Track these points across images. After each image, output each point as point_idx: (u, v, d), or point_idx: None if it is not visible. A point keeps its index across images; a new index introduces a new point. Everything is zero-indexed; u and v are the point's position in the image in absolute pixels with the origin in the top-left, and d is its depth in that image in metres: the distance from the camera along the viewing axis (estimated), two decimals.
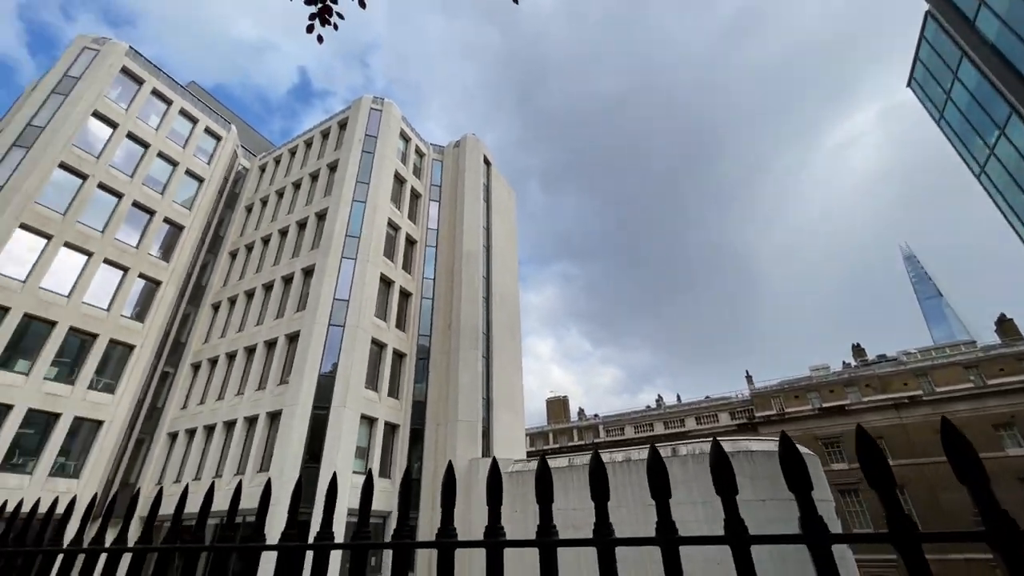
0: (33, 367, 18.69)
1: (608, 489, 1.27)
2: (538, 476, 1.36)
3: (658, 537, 1.16)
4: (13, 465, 17.71)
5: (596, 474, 1.30)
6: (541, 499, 1.36)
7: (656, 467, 1.25)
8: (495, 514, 1.37)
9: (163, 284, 23.61)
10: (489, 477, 1.43)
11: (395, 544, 1.45)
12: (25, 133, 21.02)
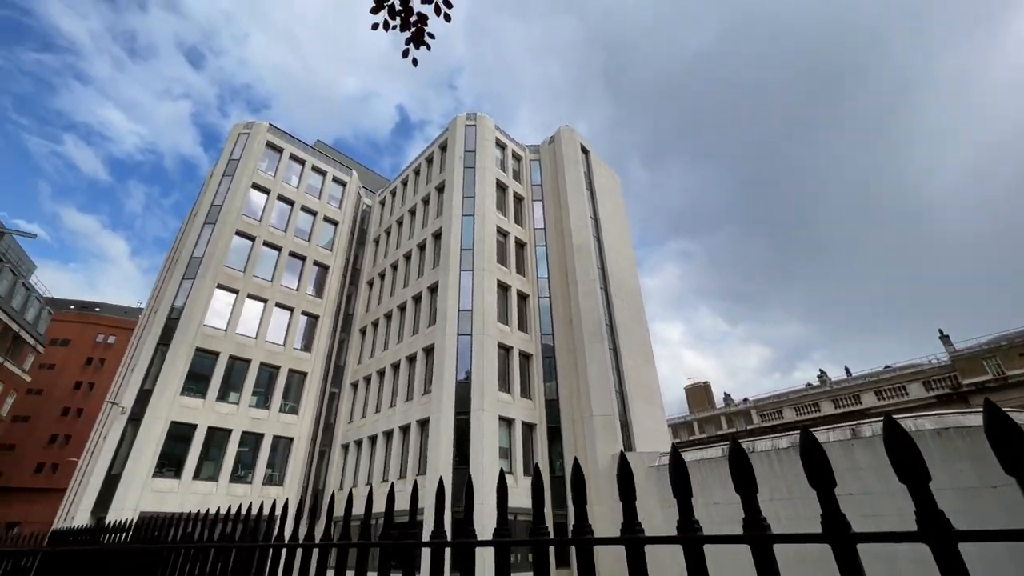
0: (241, 397, 23.16)
1: (754, 479, 1.13)
2: (672, 469, 1.26)
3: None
4: (238, 477, 22.08)
5: (737, 463, 1.16)
6: (679, 493, 1.24)
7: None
8: (630, 510, 1.32)
9: (320, 317, 27.52)
10: (619, 472, 1.37)
11: (532, 541, 1.49)
12: (210, 212, 26.28)
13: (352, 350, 28.23)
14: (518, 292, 24.47)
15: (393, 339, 25.34)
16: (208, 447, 21.58)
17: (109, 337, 54.49)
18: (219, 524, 3.44)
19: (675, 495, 1.25)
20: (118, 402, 21.51)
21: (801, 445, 1.10)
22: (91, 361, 53.15)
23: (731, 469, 1.15)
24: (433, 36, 3.78)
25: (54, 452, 48.12)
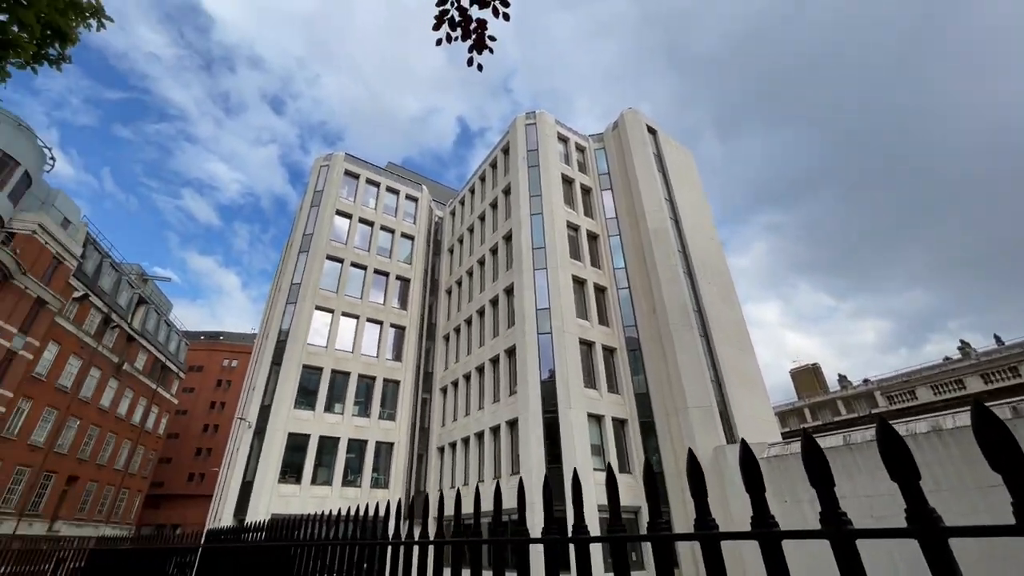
0: (344, 407, 25.09)
1: (914, 466, 1.00)
2: (806, 455, 1.12)
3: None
4: (349, 481, 23.93)
5: (891, 447, 1.02)
6: (818, 482, 1.10)
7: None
8: (760, 502, 1.21)
9: (407, 328, 29.03)
10: (743, 463, 1.25)
11: (652, 537, 1.43)
12: (303, 241, 28.87)
13: (438, 357, 29.41)
14: (595, 285, 23.94)
15: (475, 343, 26.00)
16: (321, 454, 23.62)
17: (232, 361, 62.05)
18: (338, 524, 3.78)
19: (813, 484, 1.09)
20: (245, 418, 24.32)
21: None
22: (220, 383, 60.86)
23: (885, 455, 1.01)
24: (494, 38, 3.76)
25: (200, 463, 55.71)
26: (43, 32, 5.93)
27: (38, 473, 30.44)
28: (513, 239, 24.90)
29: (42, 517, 30.86)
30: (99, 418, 35.99)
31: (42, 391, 30.17)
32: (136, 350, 40.37)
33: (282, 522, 5.10)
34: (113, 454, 38.25)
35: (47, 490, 31.42)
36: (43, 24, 5.84)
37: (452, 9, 3.54)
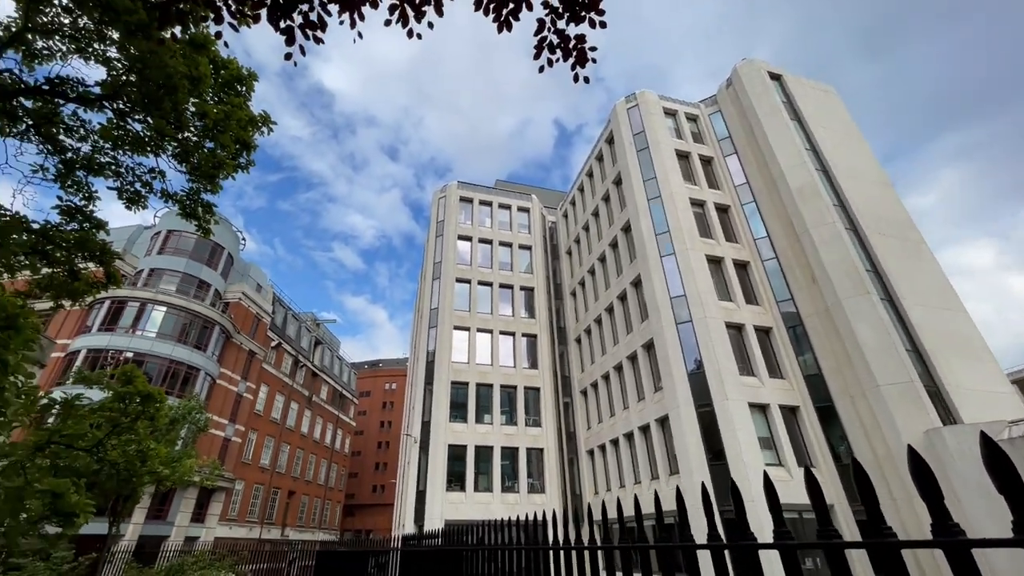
0: (492, 417, 25.64)
1: None
2: None
3: None
4: (507, 487, 24.18)
5: None
6: None
7: None
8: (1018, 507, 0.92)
9: (538, 336, 28.92)
10: (987, 456, 0.96)
11: (872, 544, 1.16)
12: (435, 269, 30.75)
13: (573, 360, 28.71)
14: (735, 262, 21.21)
15: (609, 342, 24.77)
16: (478, 463, 24.31)
17: (392, 384, 68.82)
18: (506, 529, 3.96)
19: None
20: (410, 434, 26.23)
21: None
22: (385, 405, 67.79)
23: None
24: (596, 48, 3.40)
25: (379, 476, 62.24)
26: (235, 148, 7.01)
27: (269, 489, 36.53)
28: (632, 229, 23.37)
29: (276, 525, 36.85)
30: (302, 442, 42.24)
31: (262, 423, 36.36)
32: (320, 384, 46.81)
33: (455, 528, 5.35)
34: (315, 471, 44.50)
35: (276, 503, 37.52)
36: (234, 141, 6.87)
37: (549, 35, 3.33)
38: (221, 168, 6.47)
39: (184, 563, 11.02)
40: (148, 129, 6.98)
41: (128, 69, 6.15)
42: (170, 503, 26.47)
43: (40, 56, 6.71)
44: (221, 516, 30.21)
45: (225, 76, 6.70)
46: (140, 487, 9.24)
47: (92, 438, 7.22)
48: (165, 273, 30.28)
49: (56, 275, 7.15)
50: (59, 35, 6.50)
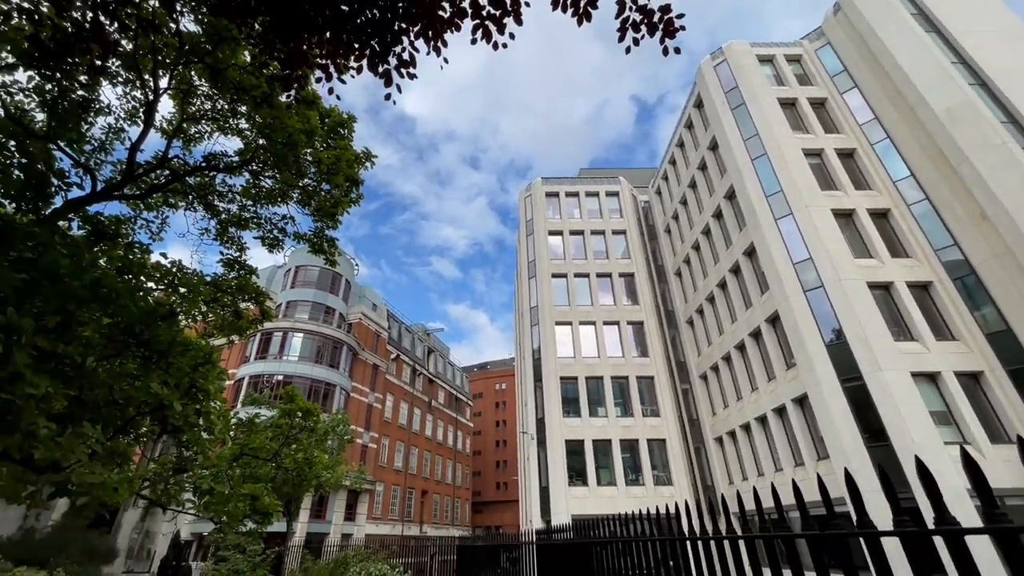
0: (606, 410, 25.34)
1: None
2: None
3: None
4: (632, 480, 23.72)
5: None
6: None
7: None
8: None
9: (644, 322, 27.92)
10: None
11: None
12: (529, 268, 31.29)
13: (687, 344, 27.24)
14: (869, 212, 18.42)
15: (725, 321, 23.05)
16: (597, 457, 24.20)
17: (502, 384, 71.44)
18: (635, 522, 3.92)
19: None
20: (526, 431, 27.04)
21: None
22: (498, 405, 70.58)
23: None
24: (683, 15, 3.29)
25: (500, 474, 65.02)
26: (347, 186, 7.97)
27: (404, 490, 40.29)
28: (737, 194, 21.46)
29: (414, 522, 40.50)
30: (427, 445, 45.81)
31: (391, 430, 40.19)
32: (436, 389, 50.32)
33: (584, 523, 5.41)
34: (443, 471, 47.98)
35: (411, 502, 41.24)
36: (345, 180, 7.82)
37: (631, 14, 3.24)
38: (338, 205, 7.38)
39: (347, 556, 12.64)
40: (277, 183, 8.19)
41: (257, 135, 7.30)
42: (327, 505, 30.47)
43: (194, 139, 8.22)
44: (368, 515, 34.02)
45: (329, 124, 7.61)
46: (307, 490, 10.84)
47: (270, 449, 8.73)
48: (299, 304, 34.93)
49: (225, 316, 8.66)
50: (205, 119, 7.92)
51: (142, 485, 5.55)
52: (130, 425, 5.31)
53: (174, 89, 7.15)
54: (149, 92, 6.55)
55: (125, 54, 6.52)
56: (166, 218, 8.45)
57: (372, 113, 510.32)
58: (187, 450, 6.43)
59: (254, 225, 8.70)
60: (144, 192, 7.30)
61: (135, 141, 6.81)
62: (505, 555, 10.01)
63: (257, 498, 5.98)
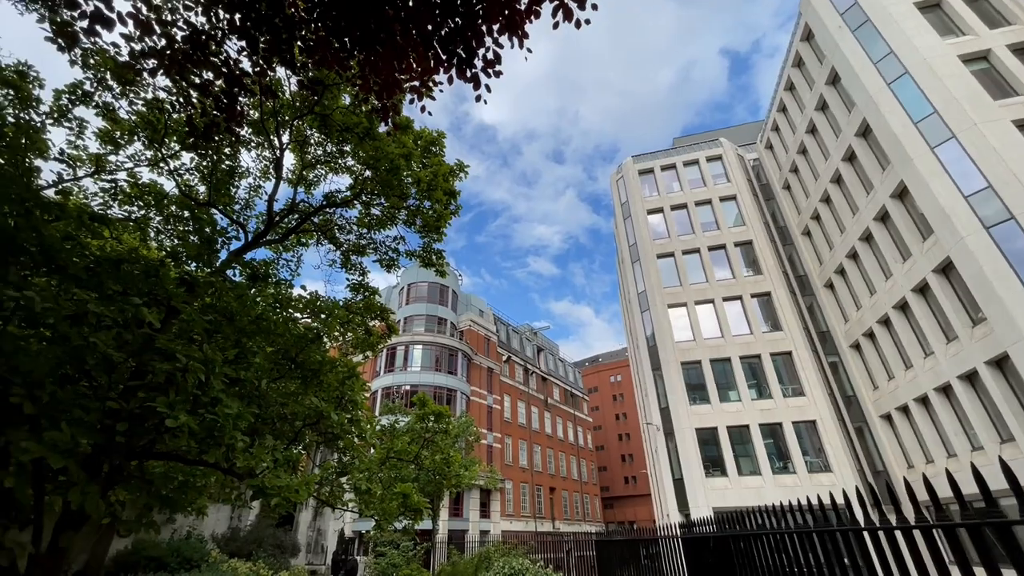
0: (739, 393, 23.37)
1: None
2: None
3: None
4: (780, 468, 21.54)
5: None
6: None
7: None
8: None
9: (771, 292, 25.22)
10: None
11: None
12: (631, 253, 30.19)
13: (828, 310, 24.03)
14: None
15: (876, 278, 19.86)
16: (734, 445, 22.43)
17: (616, 376, 69.91)
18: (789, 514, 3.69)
19: None
20: (651, 422, 26.09)
21: None
22: (615, 397, 69.17)
23: None
24: None
25: (628, 468, 63.59)
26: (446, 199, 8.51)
27: (532, 487, 41.46)
28: (874, 129, 18.35)
29: (546, 519, 41.45)
30: (549, 442, 46.58)
31: (512, 429, 41.63)
32: (550, 387, 50.96)
33: (728, 515, 5.31)
34: (567, 468, 48.38)
35: (541, 499, 42.26)
36: (444, 193, 8.35)
37: None
38: (441, 219, 7.88)
39: (489, 551, 13.36)
40: (385, 209, 9.01)
41: (363, 168, 8.11)
42: (462, 503, 32.54)
43: (313, 183, 9.38)
44: (501, 512, 35.61)
45: (423, 143, 8.17)
46: (448, 488, 11.71)
47: (411, 452, 9.65)
48: (414, 318, 37.92)
49: (358, 334, 9.69)
50: (319, 164, 8.99)
51: (315, 488, 6.47)
52: (298, 436, 6.23)
53: (293, 143, 8.25)
54: (276, 149, 7.65)
55: (253, 122, 7.68)
56: (300, 256, 9.78)
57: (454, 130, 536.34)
58: (344, 455, 7.36)
59: (371, 250, 9.65)
60: (282, 236, 8.51)
61: (271, 194, 7.99)
62: (644, 551, 9.79)
63: (408, 496, 6.62)
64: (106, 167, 7.57)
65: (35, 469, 4.04)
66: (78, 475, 3.49)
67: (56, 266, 4.63)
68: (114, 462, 4.91)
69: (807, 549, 3.83)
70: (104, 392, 4.08)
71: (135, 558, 12.48)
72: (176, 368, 3.85)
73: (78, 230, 5.11)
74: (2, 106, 5.75)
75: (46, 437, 3.33)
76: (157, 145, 7.50)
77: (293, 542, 20.03)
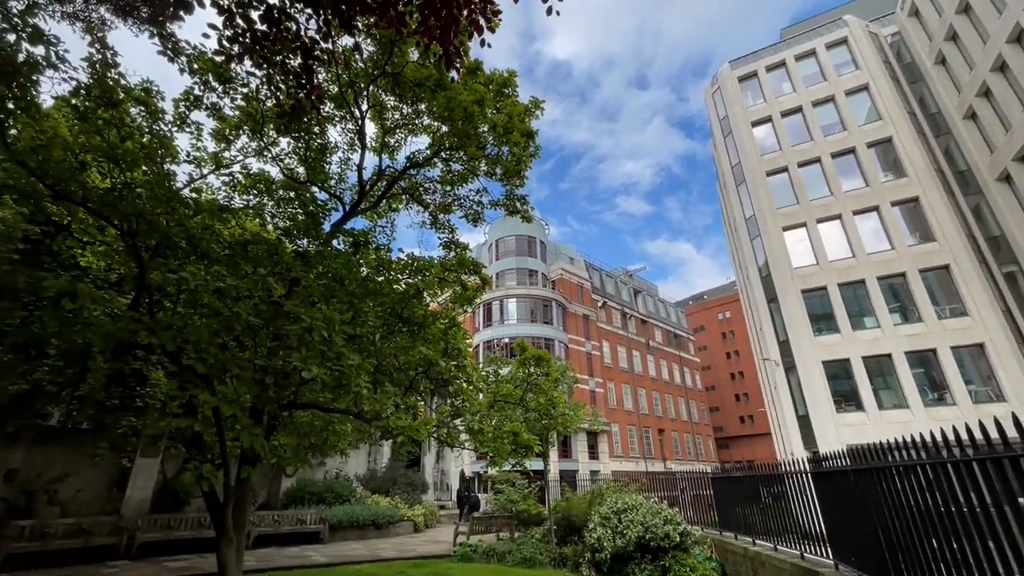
0: (877, 319, 20.79)
1: None
2: None
3: None
4: (934, 400, 19.14)
5: None
6: None
7: None
8: None
9: (918, 197, 21.45)
10: None
11: None
12: (735, 174, 27.40)
13: (1004, 212, 19.91)
14: None
15: None
16: (872, 377, 20.30)
17: (725, 313, 66.07)
18: None
19: None
20: (768, 358, 24.49)
21: None
22: (724, 335, 65.75)
23: None
24: None
25: (743, 407, 61.10)
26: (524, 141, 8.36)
27: (640, 429, 41.91)
28: None
29: (656, 459, 41.94)
30: (654, 385, 46.21)
31: (613, 374, 41.89)
32: (651, 329, 49.85)
33: (864, 451, 5.24)
34: (676, 409, 47.88)
35: (650, 440, 42.66)
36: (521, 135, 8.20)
37: None
38: (521, 162, 7.80)
39: (601, 488, 13.95)
40: (464, 163, 9.15)
41: (440, 124, 8.23)
42: (570, 445, 34.02)
43: (395, 149, 9.77)
44: (609, 453, 36.68)
45: (494, 87, 8.00)
46: (554, 428, 12.33)
47: (516, 395, 10.28)
48: (505, 273, 38.92)
49: (455, 290, 10.22)
50: (398, 128, 9.30)
51: (433, 430, 7.22)
52: (413, 385, 6.91)
53: (372, 110, 8.60)
54: (357, 120, 8.04)
55: (334, 96, 8.10)
56: (393, 221, 10.43)
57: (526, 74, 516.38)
58: (455, 400, 8.05)
59: (456, 206, 9.96)
60: (374, 204, 9.09)
61: (359, 163, 8.52)
62: (765, 489, 9.52)
63: (517, 434, 7.10)
64: (223, 163, 8.58)
65: (215, 418, 5.03)
66: (244, 420, 4.27)
67: (201, 253, 5.50)
68: (271, 412, 5.92)
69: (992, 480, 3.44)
70: (252, 354, 4.87)
71: (300, 493, 15.22)
72: (303, 328, 4.44)
73: (212, 221, 5.98)
74: (137, 123, 6.71)
75: (218, 390, 4.10)
76: (259, 136, 8.30)
77: (422, 481, 22.75)
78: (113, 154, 5.24)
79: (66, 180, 5.24)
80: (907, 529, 4.52)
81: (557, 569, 11.03)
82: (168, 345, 4.21)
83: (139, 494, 11.83)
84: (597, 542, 10.23)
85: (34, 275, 4.67)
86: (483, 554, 11.89)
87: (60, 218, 6.15)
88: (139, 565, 10.04)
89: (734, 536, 10.37)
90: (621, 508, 10.64)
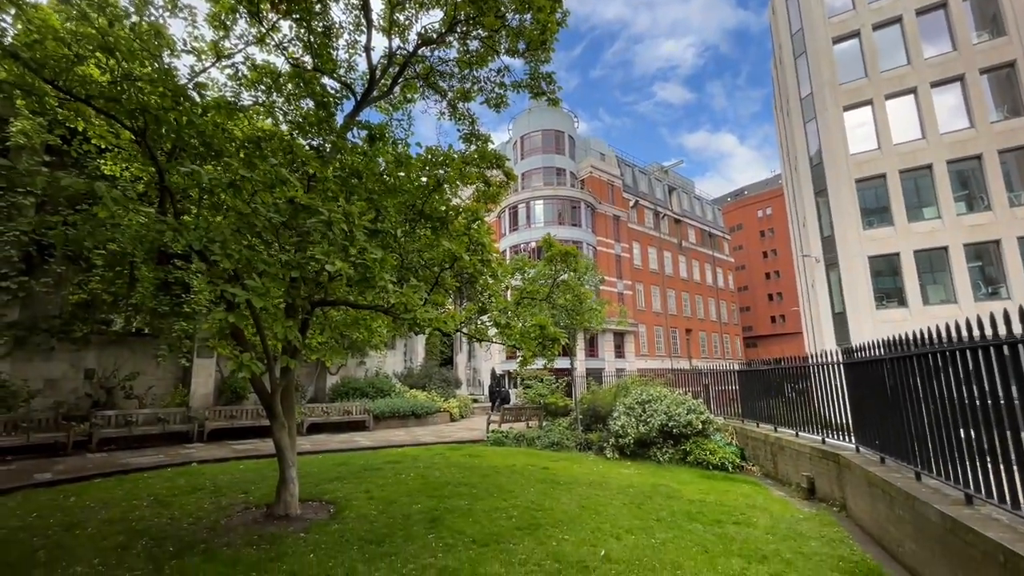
0: (939, 209, 19.41)
1: None
2: None
3: None
4: (987, 294, 18.46)
5: None
6: None
7: None
8: None
9: (1016, 60, 18.71)
10: None
11: None
12: (794, 45, 24.33)
13: None
14: None
15: None
16: (920, 272, 19.52)
17: (766, 210, 63.22)
18: None
19: None
20: (808, 254, 23.70)
21: None
22: (763, 233, 63.57)
23: None
24: None
25: (775, 306, 60.93)
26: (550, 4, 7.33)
27: (667, 329, 42.73)
28: None
29: (683, 357, 43.26)
30: (684, 286, 46.09)
31: (642, 276, 41.77)
32: (685, 228, 48.47)
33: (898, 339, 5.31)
34: (705, 310, 48.18)
35: (676, 340, 43.66)
36: None
37: None
38: (546, 31, 7.00)
39: (626, 382, 14.58)
40: (483, 40, 8.32)
41: None
42: (596, 344, 35.20)
43: (405, 28, 8.91)
44: (635, 352, 37.92)
45: None
46: (582, 325, 12.64)
47: (543, 291, 10.42)
48: (531, 173, 37.54)
49: (478, 186, 9.94)
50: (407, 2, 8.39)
51: (461, 324, 7.46)
52: (439, 281, 7.02)
53: None
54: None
55: None
56: (410, 113, 9.88)
57: None
58: (482, 296, 8.21)
59: (476, 92, 9.28)
60: (387, 91, 8.55)
61: (365, 44, 7.88)
62: (790, 384, 9.69)
63: (544, 327, 7.28)
64: (224, 52, 8.08)
65: (252, 315, 5.29)
66: (277, 312, 4.46)
67: (215, 152, 5.40)
68: (304, 308, 6.19)
69: None
70: (278, 251, 4.95)
71: (344, 389, 16.63)
72: (322, 221, 4.41)
73: (223, 119, 5.78)
74: (128, 11, 6.22)
75: (248, 284, 4.23)
76: (257, 20, 7.69)
77: (455, 377, 24.38)
78: (105, 43, 4.94)
79: (64, 72, 5.04)
80: (938, 418, 4.53)
81: (582, 451, 11.99)
82: (195, 244, 4.29)
83: (202, 389, 13.30)
84: (621, 429, 10.92)
85: (53, 176, 4.72)
86: (514, 439, 13.00)
87: (72, 123, 6.07)
88: (211, 447, 11.49)
89: (756, 424, 10.86)
90: (645, 399, 11.18)
